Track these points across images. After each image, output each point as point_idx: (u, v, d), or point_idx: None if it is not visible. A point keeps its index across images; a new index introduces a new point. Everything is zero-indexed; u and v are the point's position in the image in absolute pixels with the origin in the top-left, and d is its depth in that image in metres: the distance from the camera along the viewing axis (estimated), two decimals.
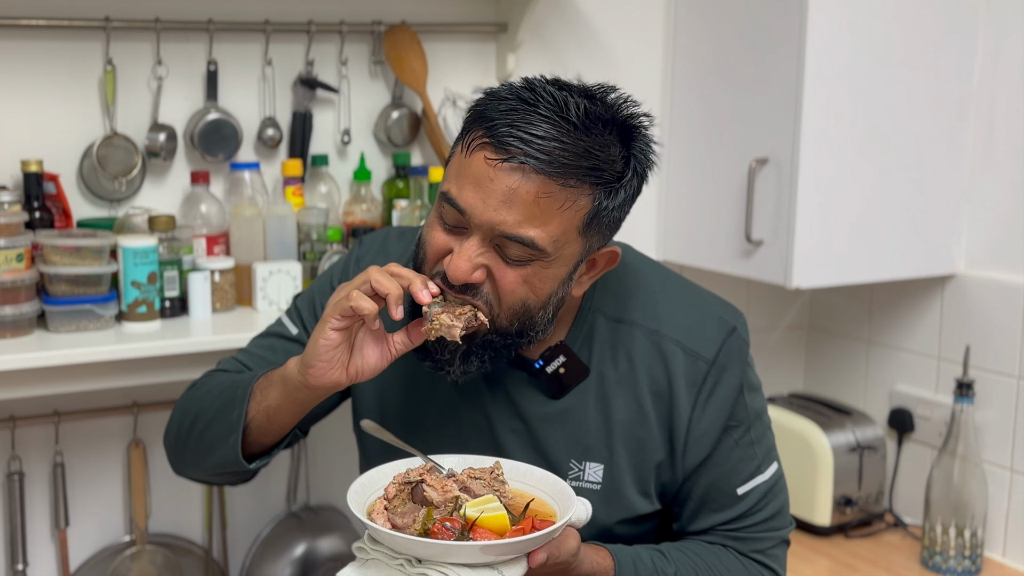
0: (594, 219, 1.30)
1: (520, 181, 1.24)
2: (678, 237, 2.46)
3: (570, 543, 1.25)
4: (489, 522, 1.21)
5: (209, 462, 1.47)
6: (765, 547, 1.48)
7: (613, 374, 1.43)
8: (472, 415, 1.45)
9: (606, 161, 1.28)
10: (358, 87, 2.29)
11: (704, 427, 1.43)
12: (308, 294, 1.58)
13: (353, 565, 1.25)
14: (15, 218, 1.87)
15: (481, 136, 1.27)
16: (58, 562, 2.20)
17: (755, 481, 1.46)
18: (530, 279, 1.30)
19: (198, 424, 1.47)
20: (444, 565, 1.18)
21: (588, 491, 1.42)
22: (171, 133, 2.11)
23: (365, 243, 1.58)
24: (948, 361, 2.37)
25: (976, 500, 2.21)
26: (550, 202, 1.25)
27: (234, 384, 1.44)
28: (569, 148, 1.24)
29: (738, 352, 1.44)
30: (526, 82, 1.30)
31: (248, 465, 1.42)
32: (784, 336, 2.71)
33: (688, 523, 1.48)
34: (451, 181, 1.30)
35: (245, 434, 1.40)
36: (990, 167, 2.29)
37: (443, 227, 1.32)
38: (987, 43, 2.27)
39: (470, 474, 1.29)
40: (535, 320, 1.33)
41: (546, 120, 1.24)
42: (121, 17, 2.05)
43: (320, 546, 2.36)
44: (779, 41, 2.15)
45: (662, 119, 2.46)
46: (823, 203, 2.16)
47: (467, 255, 1.27)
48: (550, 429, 1.43)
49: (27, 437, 2.14)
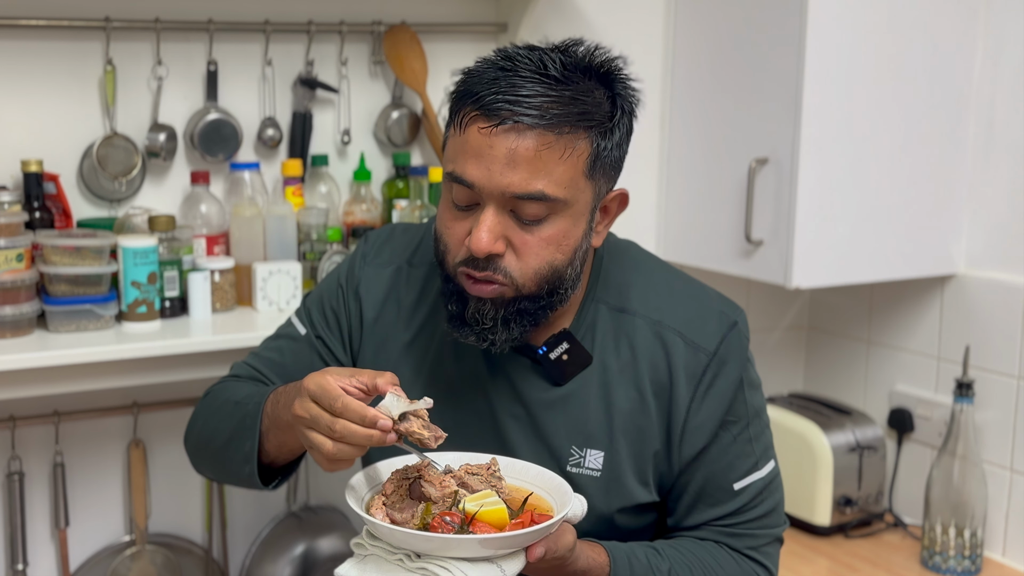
0: (596, 161, 1.33)
1: (517, 140, 1.27)
2: (678, 237, 2.46)
3: (567, 538, 1.26)
4: (488, 516, 1.21)
5: (228, 478, 1.52)
6: (759, 544, 1.48)
7: (615, 363, 1.44)
8: (474, 401, 1.46)
9: (593, 105, 1.31)
10: (358, 87, 2.29)
11: (701, 419, 1.43)
12: (317, 293, 1.59)
13: (351, 561, 1.25)
14: (15, 218, 1.87)
15: (470, 110, 1.30)
16: (58, 562, 2.20)
17: (752, 477, 1.47)
18: (553, 238, 1.32)
19: (213, 443, 1.49)
20: (443, 559, 1.19)
21: (588, 478, 1.43)
22: (171, 133, 2.12)
23: (370, 240, 1.59)
24: (948, 361, 2.37)
25: (976, 500, 2.21)
26: (551, 153, 1.28)
27: (243, 407, 1.45)
28: (556, 100, 1.28)
29: (739, 346, 1.45)
30: (500, 52, 1.35)
31: (267, 488, 1.45)
32: (784, 336, 2.71)
33: (683, 518, 1.48)
34: (452, 161, 1.33)
35: (261, 455, 1.43)
36: (990, 167, 2.29)
37: (456, 210, 1.34)
38: (987, 43, 2.27)
39: (467, 470, 1.29)
40: (564, 278, 1.36)
41: (528, 80, 1.29)
42: (121, 17, 2.05)
43: (320, 546, 2.36)
44: (779, 41, 2.15)
45: (662, 119, 2.46)
46: (823, 203, 2.16)
47: (486, 226, 1.30)
48: (551, 415, 1.44)
49: (27, 437, 2.14)
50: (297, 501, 2.40)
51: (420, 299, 1.51)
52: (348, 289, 1.54)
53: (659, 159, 2.47)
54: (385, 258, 1.54)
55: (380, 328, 1.51)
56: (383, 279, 1.53)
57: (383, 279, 1.53)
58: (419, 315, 1.50)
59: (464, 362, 1.46)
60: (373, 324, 1.51)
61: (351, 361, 1.54)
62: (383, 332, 1.51)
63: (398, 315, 1.51)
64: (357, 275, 1.53)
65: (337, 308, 1.54)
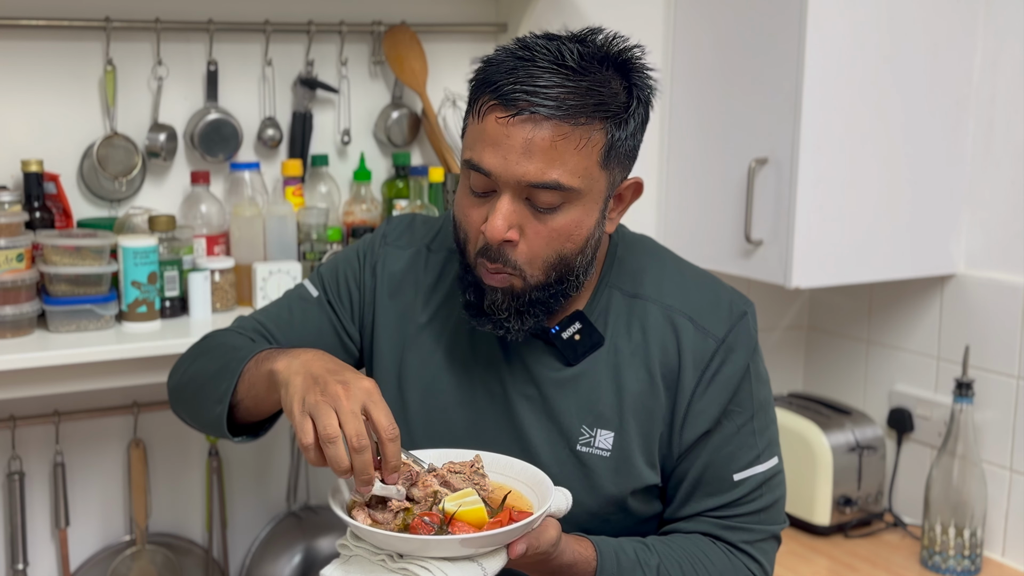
0: (611, 152, 1.35)
1: (534, 130, 1.29)
2: (678, 237, 2.46)
3: (549, 533, 1.26)
4: (467, 516, 1.22)
5: (199, 420, 1.51)
6: (754, 539, 1.48)
7: (627, 346, 1.46)
8: (488, 382, 1.48)
9: (610, 95, 1.33)
10: (358, 87, 2.29)
11: (704, 404, 1.44)
12: (332, 263, 1.61)
13: (336, 562, 1.26)
14: (15, 218, 1.87)
15: (488, 99, 1.32)
16: (58, 562, 2.20)
17: (752, 470, 1.47)
18: (565, 228, 1.35)
19: (195, 381, 1.50)
20: (425, 560, 1.19)
21: (598, 458, 1.44)
22: (171, 133, 2.12)
23: (392, 223, 1.61)
24: (947, 361, 2.37)
25: (975, 500, 2.21)
26: (566, 143, 1.30)
27: (235, 351, 1.45)
28: (572, 90, 1.30)
29: (747, 336, 1.47)
30: (519, 41, 1.37)
31: (234, 438, 1.45)
32: (784, 336, 2.71)
33: (680, 507, 1.49)
34: (470, 149, 1.35)
35: (235, 409, 1.42)
36: (990, 167, 2.29)
37: (473, 196, 1.37)
38: (987, 43, 2.27)
39: (450, 468, 1.30)
40: (573, 266, 1.38)
41: (546, 70, 1.31)
42: (121, 17, 2.05)
43: (320, 546, 2.36)
44: (779, 41, 2.15)
45: (662, 119, 2.46)
46: (822, 203, 2.16)
47: (501, 213, 1.33)
48: (562, 394, 1.45)
49: (27, 437, 2.14)
50: (297, 501, 2.41)
51: (438, 282, 1.53)
52: (366, 264, 1.56)
53: (659, 159, 2.47)
54: (405, 241, 1.57)
55: (397, 307, 1.53)
56: (402, 260, 1.55)
57: (402, 260, 1.55)
58: (436, 297, 1.53)
59: (478, 343, 1.49)
60: (389, 303, 1.54)
61: (357, 333, 1.56)
62: (399, 312, 1.53)
63: (415, 296, 1.53)
64: (377, 252, 1.56)
65: (351, 280, 1.56)
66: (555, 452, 1.45)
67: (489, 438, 1.46)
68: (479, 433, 1.47)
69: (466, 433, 1.47)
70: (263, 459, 2.39)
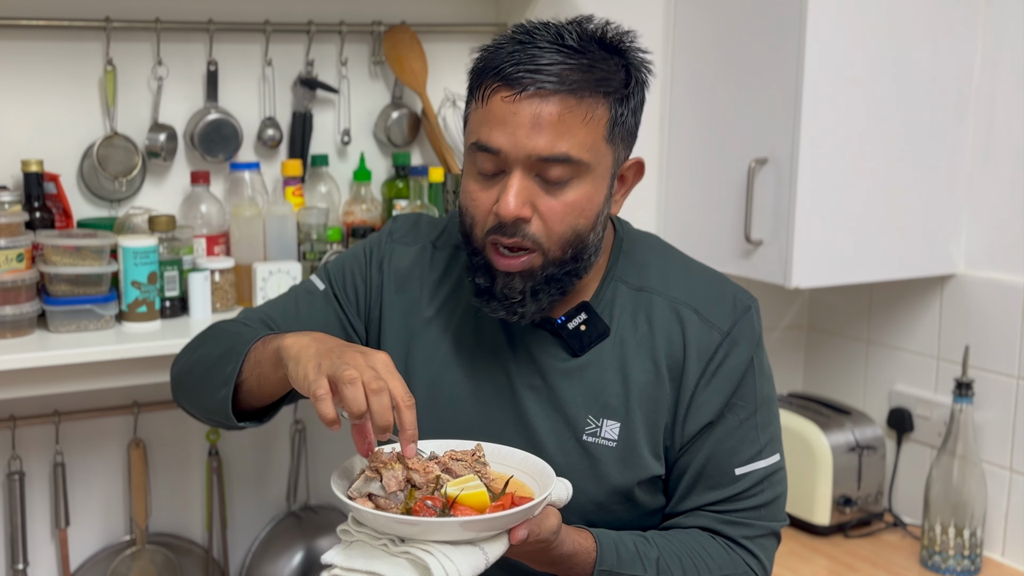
0: (615, 127, 1.37)
1: (541, 105, 1.32)
2: (678, 237, 2.45)
3: (551, 521, 1.27)
4: (469, 500, 1.22)
5: (202, 406, 1.50)
6: (754, 535, 1.48)
7: (633, 337, 1.46)
8: (493, 373, 1.49)
9: (610, 72, 1.36)
10: (358, 87, 2.29)
11: (708, 395, 1.45)
12: (339, 260, 1.62)
13: (338, 547, 1.26)
14: (15, 218, 1.87)
15: (492, 82, 1.35)
16: (58, 562, 2.20)
17: (754, 465, 1.47)
18: (577, 203, 1.36)
19: (200, 365, 1.50)
20: (426, 543, 1.19)
21: (604, 448, 1.45)
22: (171, 133, 2.12)
23: (398, 221, 1.62)
24: (947, 361, 2.37)
25: (975, 500, 2.21)
26: (573, 116, 1.32)
27: (240, 336, 1.46)
28: (574, 67, 1.33)
29: (751, 331, 1.48)
30: (518, 27, 1.40)
31: (238, 423, 1.44)
32: (783, 336, 2.71)
33: (681, 501, 1.49)
34: (476, 132, 1.37)
35: (240, 391, 1.42)
36: (990, 167, 2.29)
37: (482, 180, 1.37)
38: (987, 43, 2.27)
39: (452, 456, 1.30)
40: (587, 243, 1.39)
41: (547, 50, 1.33)
42: (121, 17, 2.06)
43: (320, 546, 2.36)
44: (778, 41, 2.15)
45: (662, 119, 2.46)
46: (822, 203, 2.16)
47: (513, 190, 1.34)
48: (568, 383, 1.46)
49: (27, 437, 2.14)
50: (297, 501, 2.41)
51: (443, 278, 1.54)
52: (373, 260, 1.57)
53: (659, 159, 2.47)
54: (411, 238, 1.59)
55: (403, 302, 1.54)
56: (408, 256, 1.56)
57: (408, 256, 1.56)
58: (441, 292, 1.54)
59: (484, 336, 1.49)
60: (395, 298, 1.54)
61: (363, 328, 1.57)
62: (405, 306, 1.54)
63: (421, 291, 1.54)
64: (383, 249, 1.57)
65: (358, 275, 1.57)
66: (561, 442, 1.45)
67: (496, 429, 1.46)
68: (486, 424, 1.47)
69: (473, 424, 1.48)
70: (263, 459, 2.39)
